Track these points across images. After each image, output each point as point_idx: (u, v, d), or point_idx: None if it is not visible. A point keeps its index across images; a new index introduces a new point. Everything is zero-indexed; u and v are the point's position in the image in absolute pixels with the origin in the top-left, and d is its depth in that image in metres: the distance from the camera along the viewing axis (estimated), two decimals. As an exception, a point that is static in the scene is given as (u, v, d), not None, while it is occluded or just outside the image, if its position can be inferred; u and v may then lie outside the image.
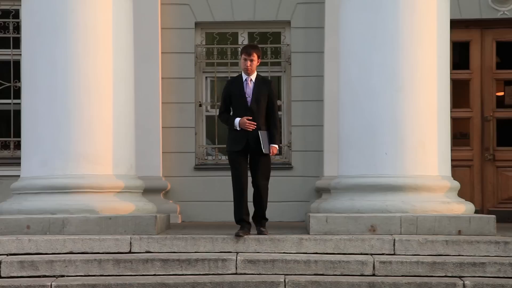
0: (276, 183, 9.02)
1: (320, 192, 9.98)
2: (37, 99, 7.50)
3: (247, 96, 7.00)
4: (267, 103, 7.02)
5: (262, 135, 6.97)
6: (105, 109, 7.48)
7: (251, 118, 6.92)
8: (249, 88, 7.01)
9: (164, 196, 10.09)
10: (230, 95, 7.07)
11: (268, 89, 7.06)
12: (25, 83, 7.71)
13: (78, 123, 7.38)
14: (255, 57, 7.01)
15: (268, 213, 7.30)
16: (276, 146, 7.03)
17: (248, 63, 6.99)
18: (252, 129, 6.91)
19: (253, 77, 7.04)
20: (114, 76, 7.54)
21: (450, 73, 7.80)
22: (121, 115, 7.61)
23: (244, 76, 7.06)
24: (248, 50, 7.04)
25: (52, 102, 7.41)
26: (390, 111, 7.28)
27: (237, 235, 6.81)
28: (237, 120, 6.96)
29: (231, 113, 7.12)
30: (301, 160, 10.26)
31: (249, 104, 6.97)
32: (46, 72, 7.44)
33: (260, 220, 7.13)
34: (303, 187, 10.23)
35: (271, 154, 7.03)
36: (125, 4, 7.71)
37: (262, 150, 6.96)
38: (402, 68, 7.27)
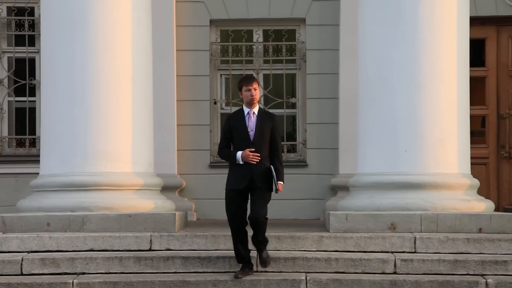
0: (291, 181, 9.00)
1: (335, 190, 9.97)
2: (56, 96, 7.50)
3: (250, 130, 6.46)
4: (270, 137, 6.49)
5: (275, 171, 6.40)
6: (124, 106, 7.48)
7: (254, 150, 6.39)
8: (251, 121, 6.48)
9: (179, 194, 10.08)
10: (231, 130, 6.52)
11: (272, 122, 6.52)
12: (44, 81, 7.71)
13: (97, 120, 7.39)
14: (257, 85, 6.52)
15: (283, 211, 7.23)
16: (282, 183, 6.48)
17: (253, 92, 6.46)
18: (256, 161, 6.36)
19: (256, 110, 6.51)
20: (133, 74, 7.54)
21: (467, 70, 7.79)
22: (140, 112, 7.61)
23: (246, 110, 6.52)
24: (248, 81, 6.54)
25: (71, 100, 7.42)
26: (410, 109, 7.27)
27: (236, 277, 6.39)
28: (239, 153, 6.40)
29: (232, 149, 6.56)
30: (316, 158, 10.24)
31: (252, 138, 6.43)
32: (65, 70, 7.45)
33: (259, 244, 6.45)
34: (318, 185, 10.20)
35: (278, 192, 6.44)
36: (144, 2, 7.70)
37: (266, 186, 6.38)
38: (422, 65, 7.25)
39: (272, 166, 6.41)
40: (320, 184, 10.19)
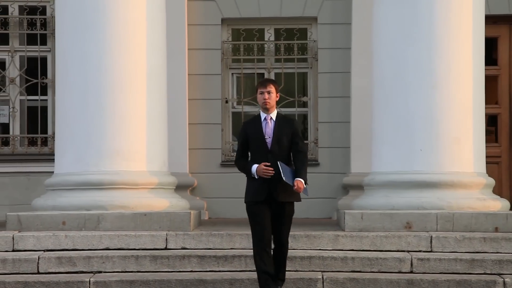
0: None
1: (347, 189, 9.96)
2: (71, 95, 7.51)
3: (266, 137, 5.86)
4: (292, 142, 5.89)
5: (282, 165, 5.81)
6: (138, 105, 7.48)
7: (269, 164, 5.79)
8: (269, 127, 5.89)
9: (191, 193, 10.08)
10: (247, 138, 5.96)
11: (291, 128, 5.91)
12: (59, 80, 7.71)
13: (112, 119, 7.39)
14: (272, 89, 5.91)
15: (295, 210, 6.93)
16: (302, 180, 5.79)
17: (266, 95, 5.87)
18: (271, 175, 5.78)
19: (273, 115, 5.93)
20: (148, 73, 7.54)
21: (480, 69, 7.76)
22: (154, 111, 7.61)
23: (263, 115, 5.94)
24: (263, 83, 5.98)
25: (85, 99, 7.42)
26: (425, 107, 7.25)
27: None
28: (254, 168, 5.84)
29: (250, 158, 6.02)
30: (327, 157, 10.23)
31: (269, 146, 5.85)
32: (79, 68, 7.45)
33: (277, 280, 6.01)
34: (329, 183, 10.19)
35: (294, 188, 5.78)
36: (158, 0, 7.69)
37: (288, 199, 5.88)
38: (437, 64, 7.23)
39: (278, 162, 5.79)
40: (332, 183, 10.18)
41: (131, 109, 7.43)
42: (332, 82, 10.20)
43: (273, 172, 5.79)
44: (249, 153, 6.05)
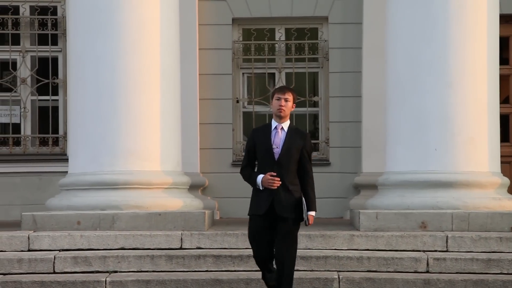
0: (314, 179, 8.96)
1: (358, 188, 9.95)
2: (84, 95, 7.51)
3: (274, 146, 5.47)
4: (300, 158, 5.48)
5: (305, 200, 5.48)
6: (152, 105, 7.48)
7: (275, 174, 5.42)
8: (278, 137, 5.49)
9: (202, 192, 10.08)
10: (254, 146, 5.56)
11: (304, 142, 5.51)
12: (72, 80, 7.71)
13: (126, 119, 7.39)
14: (290, 97, 5.52)
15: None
16: (313, 213, 5.50)
17: (282, 102, 5.49)
18: (277, 186, 5.40)
19: (285, 125, 5.54)
20: (162, 73, 7.54)
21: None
22: (168, 111, 7.61)
23: (274, 124, 5.55)
24: (282, 89, 5.61)
25: (100, 99, 7.42)
26: (440, 107, 7.24)
27: None
28: (259, 178, 5.45)
29: (256, 169, 5.63)
30: (338, 157, 10.22)
31: (276, 157, 5.45)
32: (93, 69, 7.45)
33: None
34: (340, 183, 10.18)
35: (308, 224, 5.50)
36: (171, 0, 7.69)
37: (293, 216, 5.46)
38: (452, 64, 7.22)
39: (302, 196, 5.45)
40: (343, 182, 10.17)
41: (145, 109, 7.43)
42: (343, 81, 10.19)
43: (280, 182, 5.41)
44: (257, 164, 5.64)
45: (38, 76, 10.18)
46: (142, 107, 7.42)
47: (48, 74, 10.16)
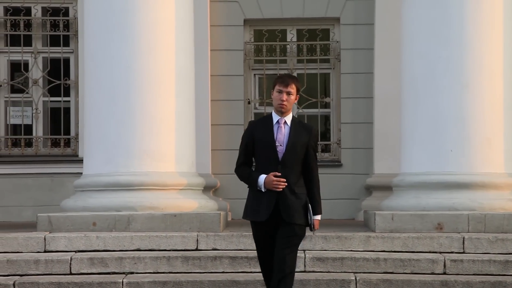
0: (326, 180, 8.86)
1: (370, 189, 9.93)
2: (99, 96, 7.50)
3: (278, 144, 4.89)
4: (305, 156, 4.92)
5: (312, 204, 4.97)
6: (167, 106, 7.47)
7: (279, 174, 4.84)
8: (281, 133, 4.91)
9: (214, 194, 10.07)
10: (253, 142, 4.93)
11: (309, 137, 4.94)
12: (87, 81, 7.71)
13: (141, 120, 7.38)
14: (293, 89, 4.93)
15: None
16: (319, 217, 4.98)
17: (284, 96, 4.90)
18: (282, 188, 4.83)
19: (288, 119, 4.95)
20: (177, 74, 7.53)
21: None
22: (183, 112, 7.60)
23: (276, 117, 4.96)
24: (285, 80, 4.95)
25: (115, 100, 7.41)
26: (456, 108, 7.22)
27: None
28: (262, 178, 4.85)
29: (254, 168, 5.02)
30: (350, 158, 10.21)
31: (280, 156, 4.87)
32: (108, 70, 7.44)
33: None
34: (352, 184, 10.17)
35: (314, 230, 5.00)
36: (186, 2, 7.69)
37: (298, 221, 4.91)
38: (468, 64, 7.20)
39: (308, 199, 4.94)
40: (354, 184, 10.16)
41: (160, 110, 7.42)
42: (355, 82, 10.18)
43: (285, 184, 4.85)
44: (254, 161, 5.01)
45: (49, 77, 10.19)
46: (157, 108, 7.42)
47: (59, 75, 10.17)
